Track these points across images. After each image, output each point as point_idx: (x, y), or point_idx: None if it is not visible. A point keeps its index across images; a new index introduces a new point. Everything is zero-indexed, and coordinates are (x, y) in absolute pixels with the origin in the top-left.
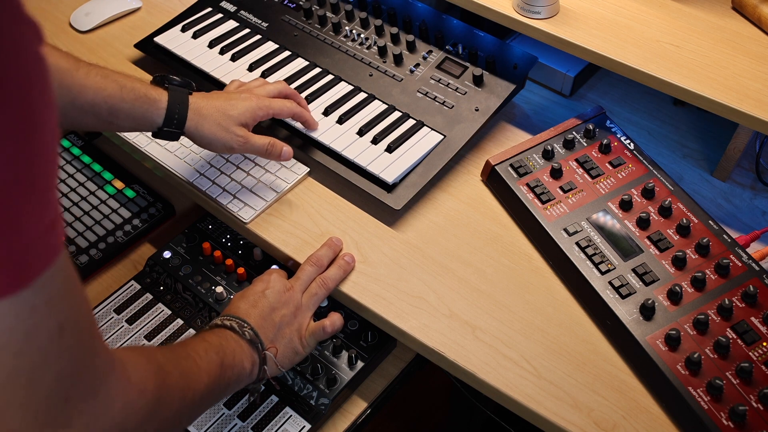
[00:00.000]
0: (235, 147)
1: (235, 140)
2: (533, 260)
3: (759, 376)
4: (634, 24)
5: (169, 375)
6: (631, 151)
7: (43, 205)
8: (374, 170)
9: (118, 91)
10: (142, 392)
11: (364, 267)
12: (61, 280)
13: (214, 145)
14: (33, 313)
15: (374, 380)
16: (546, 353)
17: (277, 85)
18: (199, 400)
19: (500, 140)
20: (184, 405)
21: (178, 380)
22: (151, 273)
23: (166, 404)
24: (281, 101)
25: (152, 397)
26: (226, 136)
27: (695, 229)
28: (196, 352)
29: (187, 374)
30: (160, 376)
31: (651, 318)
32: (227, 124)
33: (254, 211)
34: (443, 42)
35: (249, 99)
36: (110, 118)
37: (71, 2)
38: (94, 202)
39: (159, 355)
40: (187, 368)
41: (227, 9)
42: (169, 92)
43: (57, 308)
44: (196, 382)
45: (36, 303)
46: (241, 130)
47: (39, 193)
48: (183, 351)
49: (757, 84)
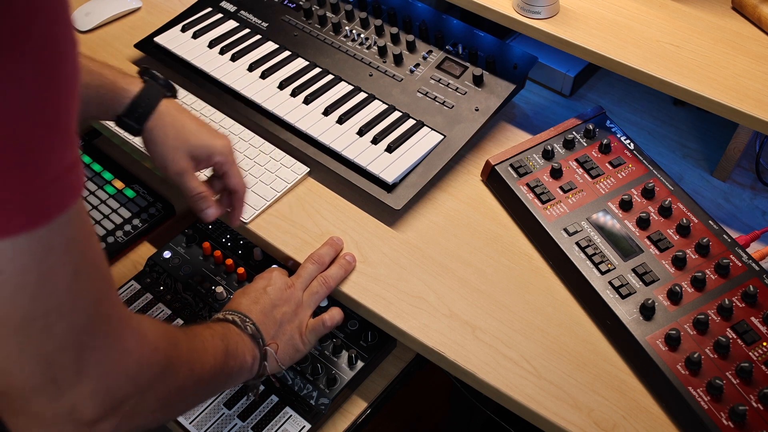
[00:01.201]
0: (169, 172)
1: (173, 166)
2: (533, 260)
3: (759, 376)
4: (634, 24)
5: (179, 344)
6: (631, 151)
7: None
8: (374, 170)
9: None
10: (156, 349)
11: (364, 267)
12: (77, 224)
13: (155, 156)
14: (49, 253)
15: (374, 380)
16: (546, 353)
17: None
18: (206, 378)
19: (500, 140)
20: (192, 377)
21: (187, 353)
22: (151, 273)
23: (175, 369)
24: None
25: (164, 357)
26: (169, 156)
27: (695, 229)
28: (202, 335)
29: (195, 350)
30: (172, 342)
31: (651, 318)
32: (178, 145)
33: (254, 211)
34: (443, 42)
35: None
36: None
37: (71, 2)
38: (94, 202)
39: (169, 327)
40: (194, 345)
41: (227, 9)
42: (145, 85)
43: (73, 252)
44: (203, 360)
45: (53, 243)
46: (186, 161)
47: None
48: (191, 331)
49: (757, 84)
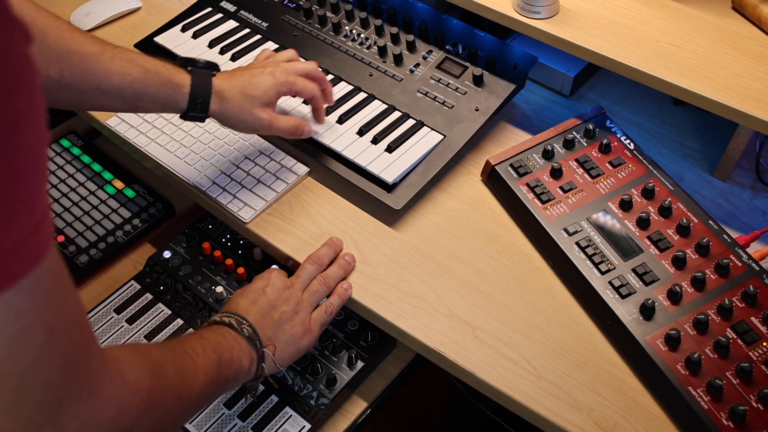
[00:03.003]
0: (259, 130)
1: (260, 123)
2: (533, 260)
3: (759, 376)
4: (634, 24)
5: (164, 374)
6: (631, 151)
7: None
8: (374, 170)
9: (142, 76)
10: (137, 391)
11: (364, 267)
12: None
13: (239, 126)
14: (19, 316)
15: (374, 380)
16: (546, 353)
17: (308, 65)
18: (196, 398)
19: (500, 140)
20: (180, 403)
21: (174, 379)
22: (151, 273)
23: (161, 403)
24: (305, 81)
25: (147, 396)
26: (250, 118)
27: (695, 229)
28: (193, 350)
29: (183, 373)
30: (156, 375)
31: (651, 318)
32: (250, 106)
33: (254, 211)
34: (443, 42)
35: (273, 74)
36: (136, 102)
37: (71, 2)
38: (94, 202)
39: (155, 353)
40: (183, 367)
41: (227, 9)
42: (192, 76)
43: (46, 311)
44: (193, 381)
45: (22, 306)
46: (266, 112)
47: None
48: (180, 349)
49: (757, 84)
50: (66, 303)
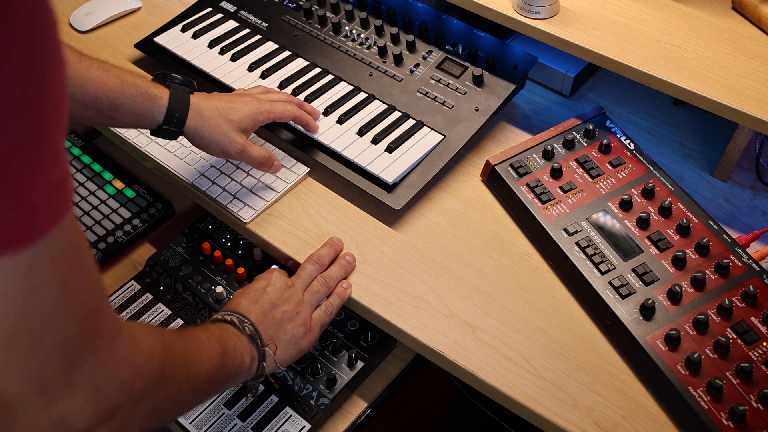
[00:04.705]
0: (231, 153)
1: (234, 147)
2: (533, 260)
3: (759, 376)
4: (634, 24)
5: (174, 350)
6: (631, 151)
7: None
8: (374, 170)
9: (119, 86)
10: (150, 358)
11: (364, 267)
12: (66, 238)
13: (211, 147)
14: (35, 269)
15: (374, 380)
16: (546, 353)
17: (280, 95)
18: (202, 383)
19: (500, 140)
20: (187, 383)
21: (183, 358)
22: (151, 273)
23: (170, 377)
24: (282, 105)
25: (159, 366)
26: (225, 140)
27: (695, 229)
28: (199, 338)
29: (191, 355)
30: (167, 349)
31: (651, 318)
32: (227, 128)
33: (254, 211)
34: (443, 42)
35: (250, 102)
36: (111, 113)
37: (71, 2)
38: (94, 202)
39: (164, 331)
40: (191, 350)
41: (227, 9)
42: (171, 90)
43: (62, 266)
44: (199, 364)
45: (39, 259)
46: (241, 137)
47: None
48: (187, 335)
49: (757, 84)
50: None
